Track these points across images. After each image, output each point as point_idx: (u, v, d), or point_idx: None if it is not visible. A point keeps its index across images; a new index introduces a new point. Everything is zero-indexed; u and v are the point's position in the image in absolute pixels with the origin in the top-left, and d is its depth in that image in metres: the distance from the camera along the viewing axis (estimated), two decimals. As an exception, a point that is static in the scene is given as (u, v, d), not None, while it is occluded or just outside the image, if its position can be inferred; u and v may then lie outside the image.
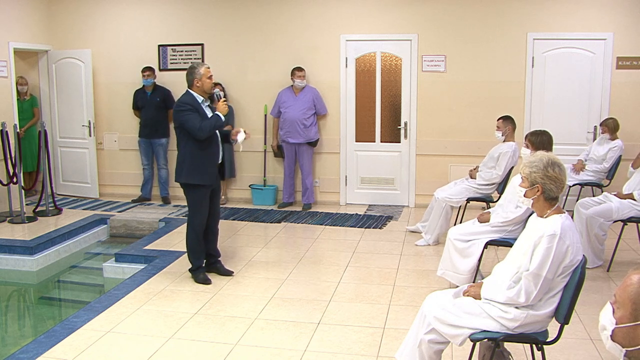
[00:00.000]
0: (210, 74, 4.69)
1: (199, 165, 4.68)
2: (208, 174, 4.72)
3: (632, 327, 1.60)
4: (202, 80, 4.66)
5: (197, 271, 4.86)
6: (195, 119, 4.57)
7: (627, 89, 6.93)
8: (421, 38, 7.28)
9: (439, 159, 7.42)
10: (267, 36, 7.63)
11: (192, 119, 4.57)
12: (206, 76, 4.66)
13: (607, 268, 5.06)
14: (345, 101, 7.57)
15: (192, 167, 4.68)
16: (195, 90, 4.70)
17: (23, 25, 7.67)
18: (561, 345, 3.29)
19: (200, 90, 4.69)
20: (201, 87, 4.68)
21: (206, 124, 4.56)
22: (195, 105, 4.64)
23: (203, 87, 4.68)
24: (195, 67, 4.68)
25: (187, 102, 4.63)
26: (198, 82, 4.67)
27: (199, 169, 4.68)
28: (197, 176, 4.69)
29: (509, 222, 4.36)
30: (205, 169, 4.70)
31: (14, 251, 5.84)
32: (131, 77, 7.88)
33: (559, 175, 2.79)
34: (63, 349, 3.60)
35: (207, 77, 4.67)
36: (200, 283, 4.78)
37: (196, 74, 4.66)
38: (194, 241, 4.82)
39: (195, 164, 4.67)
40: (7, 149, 6.86)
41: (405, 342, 2.98)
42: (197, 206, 4.78)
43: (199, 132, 4.56)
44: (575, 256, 2.70)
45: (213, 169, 4.77)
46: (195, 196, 4.76)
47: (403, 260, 5.39)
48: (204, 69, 4.66)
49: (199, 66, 4.68)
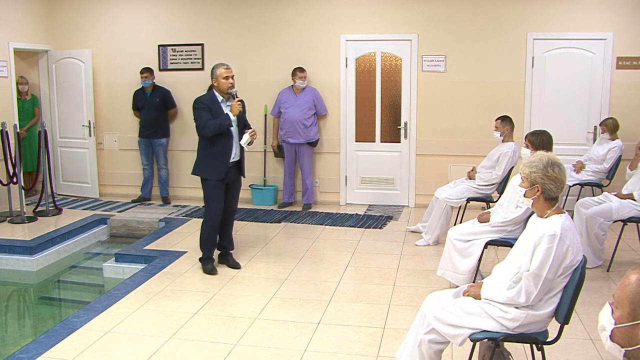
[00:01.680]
0: (226, 75, 4.83)
1: (208, 160, 4.92)
2: (216, 169, 4.91)
3: (631, 326, 1.60)
4: (218, 80, 4.84)
5: (206, 261, 5.09)
6: (203, 117, 4.78)
7: (627, 89, 6.93)
8: (421, 38, 7.28)
9: (439, 159, 7.42)
10: (268, 36, 7.63)
11: (200, 117, 4.81)
12: (222, 76, 4.82)
13: (607, 268, 5.06)
14: (345, 101, 7.57)
15: (203, 162, 4.95)
16: (216, 89, 4.90)
17: (23, 25, 7.67)
18: (561, 345, 3.29)
19: (218, 90, 4.88)
20: (218, 87, 4.87)
21: (210, 124, 4.75)
22: (210, 104, 4.85)
23: (220, 87, 4.86)
24: (214, 67, 4.89)
25: (202, 101, 4.88)
26: (215, 82, 4.88)
27: (208, 164, 4.92)
28: (206, 170, 4.95)
29: (509, 222, 4.36)
30: (213, 164, 4.91)
31: (14, 251, 5.84)
32: (131, 77, 7.87)
33: (559, 175, 2.78)
34: (63, 349, 3.60)
35: (223, 77, 4.82)
36: (207, 273, 5.00)
37: (213, 74, 4.90)
38: (206, 233, 5.06)
39: (206, 158, 4.93)
40: (7, 149, 6.86)
41: (405, 342, 2.98)
42: (209, 199, 5.03)
43: (203, 130, 4.81)
44: (576, 256, 2.70)
45: (222, 165, 4.92)
46: (207, 189, 5.01)
47: (403, 260, 5.39)
48: (220, 69, 4.84)
49: (218, 67, 4.88)
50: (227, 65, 4.90)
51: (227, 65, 4.90)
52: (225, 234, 5.23)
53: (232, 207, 5.20)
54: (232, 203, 5.18)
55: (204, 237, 5.08)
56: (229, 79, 4.83)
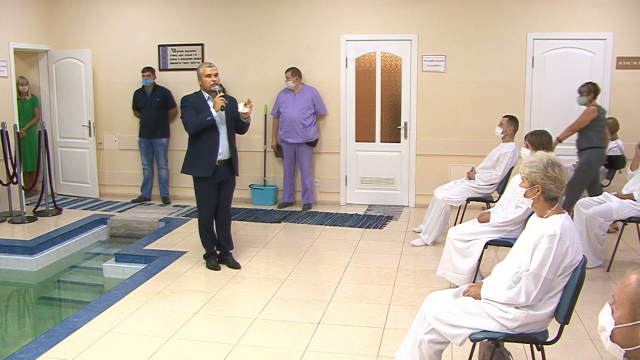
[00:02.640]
0: (208, 72, 4.94)
1: (195, 158, 4.99)
2: (202, 166, 4.96)
3: (631, 327, 1.59)
4: (202, 79, 4.97)
5: (209, 257, 5.20)
6: (187, 114, 4.91)
7: (627, 89, 6.93)
8: (421, 38, 7.28)
9: (439, 159, 7.42)
10: (267, 36, 7.63)
11: (185, 115, 4.94)
12: (204, 74, 4.94)
13: (607, 268, 5.06)
14: (345, 101, 7.57)
15: (189, 160, 5.03)
16: (201, 88, 5.00)
17: (23, 25, 7.67)
18: (561, 345, 3.29)
19: (204, 89, 4.97)
20: (202, 85, 4.97)
21: (192, 120, 4.86)
22: (195, 102, 4.94)
23: (203, 85, 4.97)
24: (198, 67, 5.04)
25: (187, 99, 4.98)
26: (199, 81, 4.99)
27: (195, 162, 4.99)
28: (192, 168, 5.02)
29: (509, 222, 4.36)
30: (199, 162, 4.96)
31: (14, 251, 5.84)
32: (131, 77, 7.87)
33: (559, 176, 2.78)
34: (63, 349, 3.60)
35: (205, 75, 4.94)
36: (210, 268, 5.11)
37: (198, 73, 5.02)
38: (201, 230, 5.18)
39: (192, 156, 5.00)
40: (7, 149, 6.86)
41: (405, 342, 2.98)
42: (199, 198, 5.11)
43: (186, 127, 4.93)
44: (576, 256, 2.70)
45: (208, 163, 4.94)
46: (197, 188, 5.08)
47: (403, 260, 5.39)
48: (203, 68, 4.99)
49: (201, 66, 5.02)
50: (211, 63, 5.05)
51: (210, 63, 5.04)
52: (222, 233, 5.23)
53: (224, 206, 5.18)
54: (224, 202, 5.16)
55: (200, 235, 5.21)
56: (210, 76, 4.91)
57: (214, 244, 5.23)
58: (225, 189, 5.14)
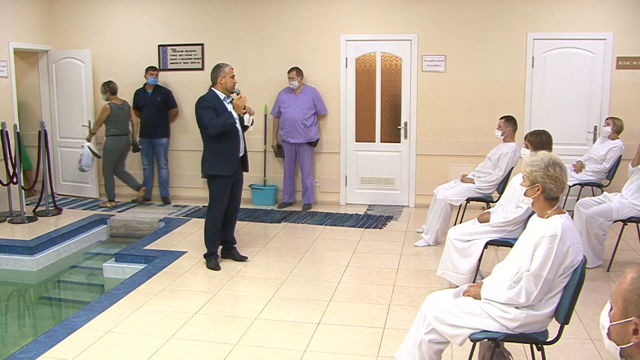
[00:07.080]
0: (233, 74, 5.05)
1: (218, 157, 5.02)
2: (227, 165, 5.04)
3: (623, 324, 1.59)
4: (226, 78, 5.03)
5: (211, 257, 5.19)
6: (208, 116, 4.91)
7: (627, 89, 6.93)
8: (421, 38, 7.28)
9: (439, 159, 7.42)
10: (267, 36, 7.63)
11: (205, 116, 4.93)
12: (229, 75, 5.04)
13: (607, 268, 5.06)
14: (345, 101, 7.57)
15: (214, 160, 5.04)
16: (218, 87, 5.06)
17: (23, 25, 7.67)
18: (561, 345, 3.29)
19: (222, 88, 5.05)
20: (224, 84, 5.04)
21: (215, 122, 4.89)
22: (214, 102, 4.98)
23: (226, 85, 5.03)
24: (220, 66, 5.07)
25: (206, 99, 5.01)
26: (222, 80, 5.03)
27: (220, 161, 5.02)
28: (217, 167, 5.04)
29: (509, 222, 4.36)
30: (223, 161, 5.02)
31: (14, 251, 5.84)
32: (131, 77, 7.87)
33: (560, 175, 2.78)
34: (63, 349, 3.60)
35: (231, 76, 5.03)
36: (210, 268, 5.10)
37: (221, 71, 5.04)
38: (211, 229, 5.17)
39: (216, 156, 5.02)
40: (7, 149, 6.86)
41: (405, 342, 2.98)
42: (217, 196, 5.12)
43: (208, 129, 4.92)
44: (576, 257, 2.70)
45: (232, 161, 5.06)
46: (217, 186, 5.10)
47: (403, 260, 5.39)
48: (227, 68, 5.07)
49: (224, 65, 5.07)
50: (232, 66, 5.15)
51: (231, 65, 5.14)
52: (229, 229, 5.35)
53: (236, 202, 5.35)
54: (237, 198, 5.33)
55: (208, 234, 5.19)
56: (234, 77, 5.06)
57: (219, 244, 5.28)
58: (238, 186, 5.30)
